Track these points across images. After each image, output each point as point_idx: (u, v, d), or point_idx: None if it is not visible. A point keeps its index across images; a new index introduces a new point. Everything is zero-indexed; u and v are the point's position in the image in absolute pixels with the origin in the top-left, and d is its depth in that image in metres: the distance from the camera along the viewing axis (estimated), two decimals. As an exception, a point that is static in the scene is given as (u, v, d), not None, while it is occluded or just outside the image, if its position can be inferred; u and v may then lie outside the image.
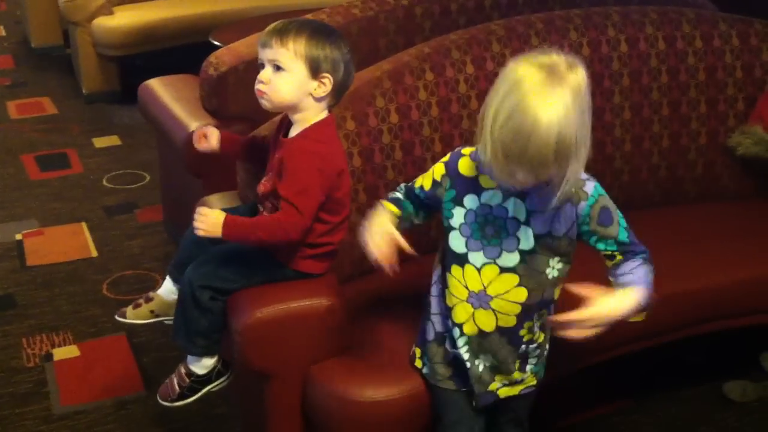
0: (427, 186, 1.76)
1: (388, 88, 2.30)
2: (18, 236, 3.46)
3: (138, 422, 2.44)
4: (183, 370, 2.23)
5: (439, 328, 1.81)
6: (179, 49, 4.66)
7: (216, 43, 3.85)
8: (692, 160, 2.67)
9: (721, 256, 2.34)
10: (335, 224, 1.95)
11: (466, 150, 1.71)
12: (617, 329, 2.13)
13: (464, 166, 1.70)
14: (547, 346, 1.82)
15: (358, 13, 2.83)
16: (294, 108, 1.90)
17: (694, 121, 2.65)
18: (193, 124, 2.83)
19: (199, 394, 2.19)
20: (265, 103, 1.90)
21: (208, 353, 2.14)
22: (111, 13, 4.75)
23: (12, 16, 6.52)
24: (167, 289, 2.27)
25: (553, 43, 2.48)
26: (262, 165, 2.04)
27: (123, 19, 4.72)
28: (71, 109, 4.85)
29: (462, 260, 1.70)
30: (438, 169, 1.74)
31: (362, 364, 1.93)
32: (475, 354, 1.76)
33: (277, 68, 1.86)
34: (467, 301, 1.72)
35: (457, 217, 1.69)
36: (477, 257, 1.68)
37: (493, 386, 1.79)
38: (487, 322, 1.72)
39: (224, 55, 2.85)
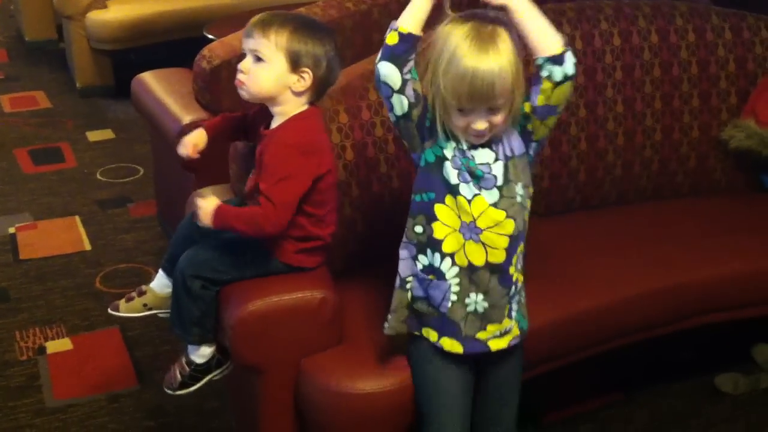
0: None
1: (380, 81, 2.29)
2: (11, 230, 3.46)
3: (131, 416, 2.44)
4: (183, 359, 2.24)
5: (405, 272, 1.82)
6: (173, 43, 4.65)
7: (210, 36, 3.84)
8: (685, 153, 2.68)
9: (712, 251, 2.35)
10: (321, 217, 1.94)
11: None
12: (610, 322, 2.14)
13: None
14: (523, 292, 1.85)
15: (351, 7, 2.83)
16: (273, 100, 1.90)
17: (687, 114, 2.65)
18: (186, 118, 2.83)
19: (201, 383, 2.19)
20: (243, 94, 1.90)
21: (204, 341, 2.14)
22: (105, 6, 4.74)
23: (5, 10, 6.50)
24: (160, 283, 2.27)
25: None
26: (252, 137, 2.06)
27: (117, 12, 4.71)
28: (65, 103, 4.84)
29: (454, 191, 1.72)
30: None
31: (354, 357, 1.93)
32: (466, 291, 1.76)
33: (258, 59, 1.86)
34: (459, 231, 1.73)
35: (448, 150, 1.72)
36: (467, 189, 1.72)
37: (482, 334, 1.79)
38: (477, 255, 1.74)
39: (217, 49, 2.85)
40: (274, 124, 1.92)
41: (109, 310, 2.40)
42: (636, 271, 2.23)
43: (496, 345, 1.80)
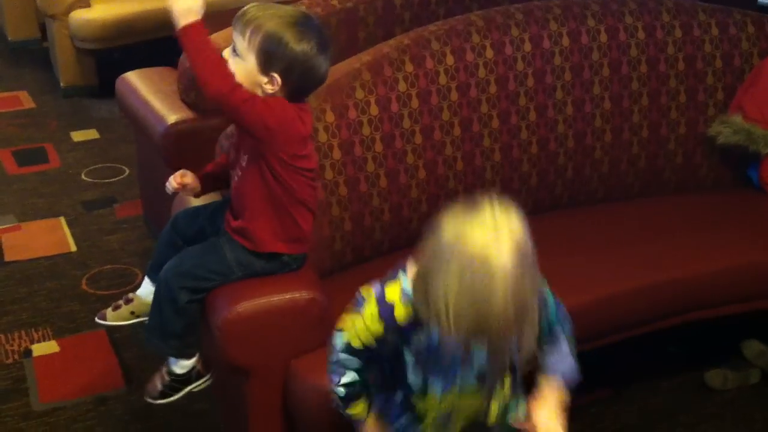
0: (370, 342, 1.55)
1: (367, 80, 2.28)
2: (-5, 232, 3.44)
3: (119, 418, 2.42)
4: (164, 369, 2.23)
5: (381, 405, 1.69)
6: (157, 42, 4.61)
7: (194, 35, 3.81)
8: (672, 150, 2.68)
9: (699, 248, 2.35)
10: (307, 206, 1.93)
11: (392, 294, 1.51)
12: (598, 320, 2.15)
13: (400, 315, 1.50)
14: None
15: (337, 4, 2.81)
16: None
17: (674, 110, 2.66)
18: (171, 117, 2.82)
19: (180, 393, 2.18)
20: None
21: (182, 355, 2.13)
22: (88, 5, 4.70)
23: (-12, 9, 6.44)
24: (146, 290, 2.26)
25: (532, 36, 2.48)
26: None
27: (100, 11, 4.67)
28: (49, 103, 4.80)
29: (422, 390, 1.58)
30: (375, 328, 1.53)
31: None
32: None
33: (234, 51, 1.85)
34: (436, 421, 1.61)
35: (408, 356, 1.56)
36: (436, 387, 1.57)
37: None
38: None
39: (202, 48, 2.83)
40: None
41: (96, 319, 2.39)
42: (623, 269, 2.23)
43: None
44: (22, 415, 2.43)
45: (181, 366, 2.19)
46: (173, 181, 2.09)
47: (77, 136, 4.38)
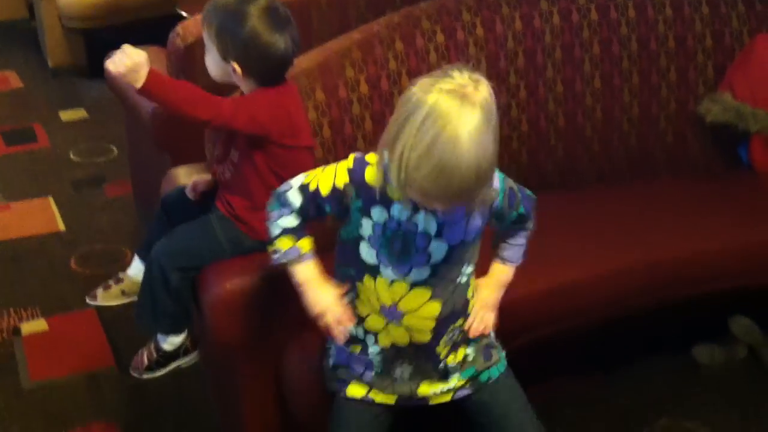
0: (325, 191, 1.57)
1: (357, 58, 2.28)
2: (-16, 211, 3.42)
3: (109, 397, 2.42)
4: (152, 345, 2.23)
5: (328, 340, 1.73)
6: (146, 21, 4.59)
7: (183, 14, 3.79)
8: (662, 128, 2.68)
9: (689, 226, 2.35)
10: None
11: (371, 158, 1.55)
12: (587, 299, 2.15)
13: (371, 175, 1.53)
14: (469, 351, 1.71)
15: (326, -17, 2.79)
16: (229, 83, 1.92)
17: (664, 89, 2.66)
18: (160, 96, 2.80)
19: (167, 368, 2.19)
20: None
21: (174, 331, 2.13)
22: (76, -16, 4.67)
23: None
24: (137, 269, 2.27)
25: (523, 14, 2.47)
26: None
27: (89, -10, 4.64)
28: (37, 83, 4.78)
29: (374, 271, 1.59)
30: (340, 176, 1.56)
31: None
32: (390, 365, 1.67)
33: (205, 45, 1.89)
34: (380, 313, 1.62)
35: (366, 228, 1.56)
36: (387, 271, 1.58)
37: (420, 390, 1.70)
38: (400, 337, 1.63)
39: (191, 26, 2.80)
40: None
41: (87, 300, 2.39)
42: (613, 248, 2.23)
43: (436, 400, 1.72)
44: (13, 393, 2.43)
45: (170, 342, 2.20)
46: (190, 194, 2.12)
47: (66, 115, 4.36)
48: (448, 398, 1.73)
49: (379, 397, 1.71)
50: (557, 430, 2.27)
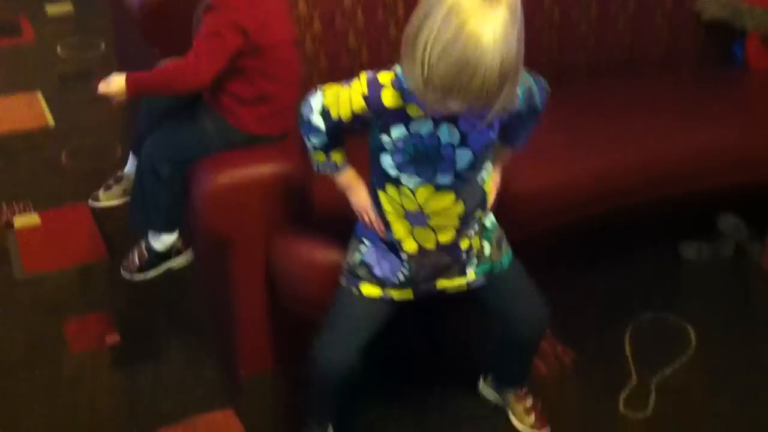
0: (346, 116, 1.56)
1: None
2: (-29, 105, 3.38)
3: (102, 288, 2.45)
4: (143, 245, 2.24)
5: (363, 232, 1.75)
6: None
7: None
8: (658, 24, 2.65)
9: (682, 123, 2.35)
10: (278, 75, 1.92)
11: (384, 78, 1.52)
12: (579, 192, 2.17)
13: (387, 98, 1.51)
14: (485, 244, 1.76)
15: None
16: None
17: (661, -16, 2.62)
18: (147, -14, 2.73)
19: (158, 269, 2.21)
20: None
21: (167, 229, 2.14)
22: None
23: None
24: (133, 166, 2.25)
25: None
26: None
27: None
28: (21, -25, 4.66)
29: (396, 181, 1.61)
30: (356, 102, 1.54)
31: (325, 229, 1.93)
32: (415, 269, 1.71)
33: None
34: (405, 218, 1.65)
35: (387, 142, 1.56)
36: (410, 180, 1.59)
37: (439, 284, 1.76)
38: (426, 238, 1.67)
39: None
40: None
41: (90, 202, 2.39)
42: (606, 143, 2.24)
43: (453, 290, 1.77)
44: (7, 285, 2.46)
45: (162, 242, 2.21)
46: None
47: (51, 9, 4.26)
48: (464, 288, 1.78)
49: (396, 294, 1.75)
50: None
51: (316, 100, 1.59)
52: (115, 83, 1.94)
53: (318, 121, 1.59)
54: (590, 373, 2.19)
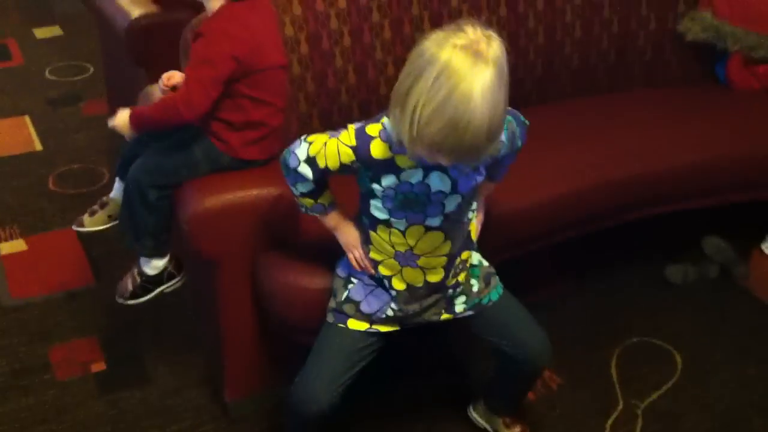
0: (334, 166, 1.57)
1: (334, -29, 2.23)
2: (-42, 130, 3.38)
3: (89, 313, 2.44)
4: (135, 270, 2.23)
5: (350, 270, 1.76)
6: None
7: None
8: (641, 45, 2.67)
9: (665, 142, 2.37)
10: (267, 101, 1.92)
11: (373, 130, 1.54)
12: (563, 213, 2.17)
13: (376, 150, 1.53)
14: (474, 282, 1.78)
15: None
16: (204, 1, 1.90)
17: (644, 6, 2.63)
18: (135, 11, 2.75)
19: (151, 294, 2.20)
20: None
21: (157, 254, 2.13)
22: None
23: None
24: (120, 191, 2.25)
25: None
26: None
27: None
28: (9, -1, 4.68)
29: (386, 224, 1.63)
30: (344, 153, 1.55)
31: (311, 252, 1.93)
32: (404, 304, 1.72)
33: None
34: (394, 259, 1.67)
35: (376, 190, 1.58)
36: (400, 223, 1.61)
37: (426, 316, 1.77)
38: (415, 278, 1.69)
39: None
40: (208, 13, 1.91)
41: (74, 227, 2.37)
42: (590, 162, 2.24)
43: (439, 318, 1.78)
44: (-8, 311, 2.45)
45: (153, 267, 2.20)
46: (161, 84, 2.07)
47: (40, 33, 4.28)
48: (450, 317, 1.79)
49: (383, 328, 1.76)
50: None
51: (302, 151, 1.60)
52: (120, 118, 1.96)
53: (305, 170, 1.60)
54: (577, 399, 2.18)
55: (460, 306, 1.78)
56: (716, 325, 2.44)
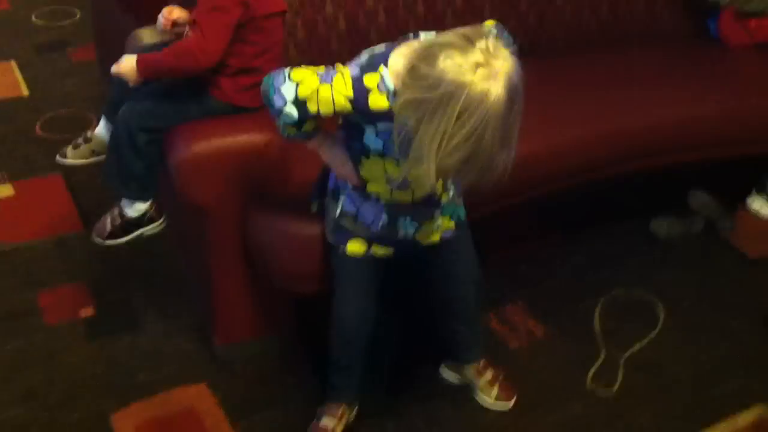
0: (327, 113, 1.54)
1: None
2: (-57, 74, 3.34)
3: (77, 259, 2.44)
4: (116, 211, 2.24)
5: (336, 184, 1.77)
6: None
7: None
8: (634, -1, 2.66)
9: (656, 94, 2.37)
10: (266, 48, 1.91)
11: (371, 81, 1.49)
12: (552, 166, 2.18)
13: (374, 102, 1.50)
14: (451, 190, 1.79)
15: None
16: None
17: (638, -42, 2.62)
18: (123, -46, 2.71)
19: (130, 236, 2.21)
20: None
21: (141, 197, 2.14)
22: None
23: None
24: (104, 129, 2.24)
25: None
26: None
27: None
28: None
29: (381, 154, 1.61)
30: (340, 103, 1.51)
31: (300, 199, 1.94)
32: (395, 216, 1.74)
33: None
34: (387, 183, 1.67)
35: (369, 132, 1.58)
36: (395, 155, 1.57)
37: (417, 234, 1.79)
38: (404, 197, 1.70)
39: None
40: None
41: (57, 158, 2.38)
42: (580, 115, 2.25)
43: (428, 240, 1.81)
44: (-20, 256, 2.45)
45: (135, 209, 2.21)
46: (162, 19, 2.05)
47: (26, -23, 4.21)
48: (437, 238, 1.82)
49: (379, 251, 1.79)
50: (514, 287, 2.35)
51: (288, 90, 1.54)
52: (126, 64, 1.92)
53: (291, 110, 1.55)
54: (560, 348, 2.21)
55: (438, 217, 1.78)
56: (700, 278, 2.47)
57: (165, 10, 2.06)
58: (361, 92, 1.49)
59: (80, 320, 2.24)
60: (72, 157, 2.39)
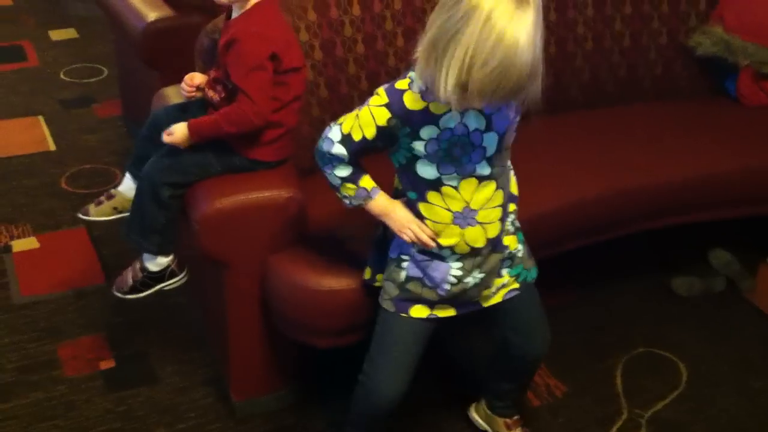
0: (371, 135, 1.59)
1: (349, -21, 2.26)
2: (-27, 129, 3.41)
3: (98, 312, 2.46)
4: (138, 265, 2.25)
5: (398, 250, 1.75)
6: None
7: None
8: (652, 59, 2.68)
9: (675, 153, 2.38)
10: (285, 103, 1.95)
11: (402, 84, 1.56)
12: (571, 223, 2.18)
13: (410, 101, 1.55)
14: (520, 246, 1.80)
15: None
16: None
17: (656, 20, 2.65)
18: (150, 15, 2.78)
19: (152, 290, 2.21)
20: None
21: (162, 252, 2.15)
22: None
23: None
24: (128, 186, 2.27)
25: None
26: None
27: None
28: (26, 1, 4.71)
29: (437, 185, 1.63)
30: (380, 115, 1.57)
31: (318, 254, 1.95)
32: (467, 271, 1.71)
33: None
34: (453, 223, 1.66)
35: (419, 148, 1.59)
36: (452, 178, 1.62)
37: (476, 299, 1.78)
38: (477, 237, 1.68)
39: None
40: (235, 14, 1.93)
41: (79, 215, 2.39)
42: (597, 173, 2.26)
43: (489, 302, 1.80)
44: (3, 308, 2.47)
45: (157, 264, 2.21)
46: (185, 86, 2.10)
47: (55, 34, 4.31)
48: (499, 299, 1.80)
49: (442, 313, 1.77)
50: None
51: (334, 133, 1.62)
52: (179, 135, 1.96)
53: (339, 150, 1.62)
54: (581, 407, 2.19)
55: (506, 270, 1.77)
56: (721, 337, 2.45)
57: (187, 78, 2.10)
58: (394, 94, 1.56)
59: (99, 373, 2.24)
60: (94, 215, 2.41)
